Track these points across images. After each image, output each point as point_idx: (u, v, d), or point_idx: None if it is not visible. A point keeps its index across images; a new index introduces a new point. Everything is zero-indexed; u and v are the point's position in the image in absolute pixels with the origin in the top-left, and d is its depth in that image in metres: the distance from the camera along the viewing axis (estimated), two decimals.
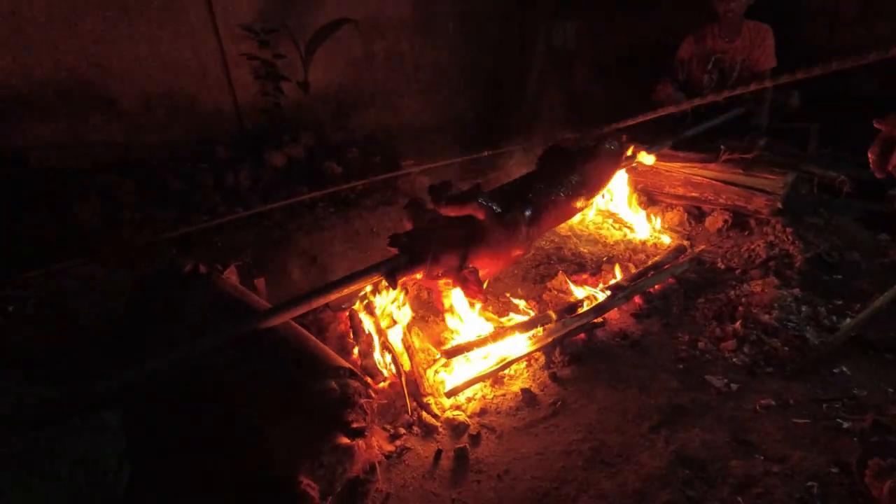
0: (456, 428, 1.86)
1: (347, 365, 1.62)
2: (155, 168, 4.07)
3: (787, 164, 2.91)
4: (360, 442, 1.55)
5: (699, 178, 3.09)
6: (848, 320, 2.20)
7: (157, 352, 1.48)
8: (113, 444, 1.49)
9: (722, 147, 3.01)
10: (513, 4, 6.27)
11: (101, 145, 4.08)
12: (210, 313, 1.83)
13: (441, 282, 1.95)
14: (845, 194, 2.80)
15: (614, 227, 3.21)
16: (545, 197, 2.16)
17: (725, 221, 3.03)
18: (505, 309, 2.46)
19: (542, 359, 2.14)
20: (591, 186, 2.39)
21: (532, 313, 2.37)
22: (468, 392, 2.03)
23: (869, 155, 1.12)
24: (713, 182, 3.04)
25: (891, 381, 1.92)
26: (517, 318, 2.30)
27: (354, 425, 1.48)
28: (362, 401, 1.55)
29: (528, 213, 2.07)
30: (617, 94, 4.87)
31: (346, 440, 1.48)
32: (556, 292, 2.51)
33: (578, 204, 2.34)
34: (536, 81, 6.57)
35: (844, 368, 2.00)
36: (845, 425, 1.75)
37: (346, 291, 1.84)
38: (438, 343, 2.25)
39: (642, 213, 3.24)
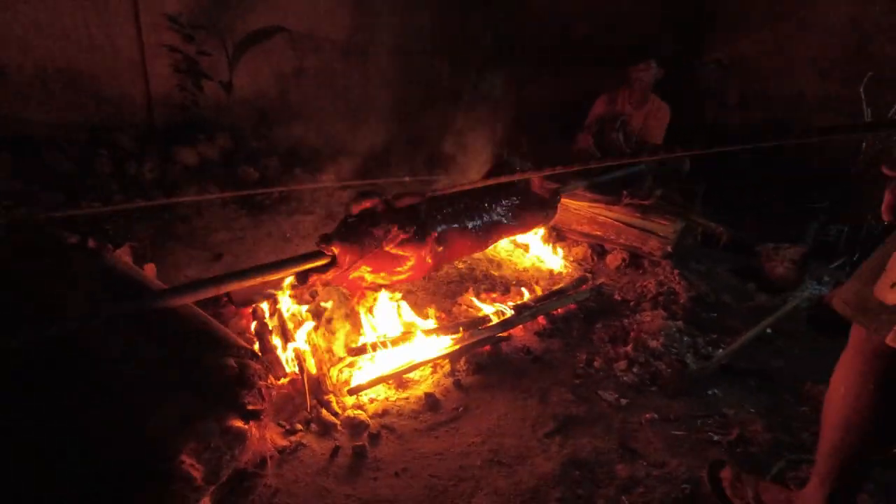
0: (356, 427, 1.80)
1: (249, 346, 1.53)
2: (41, 146, 3.68)
3: (678, 213, 3.25)
4: (254, 429, 1.45)
5: (603, 217, 3.36)
6: (720, 350, 2.44)
7: (35, 319, 1.31)
8: None
9: (624, 192, 3.30)
10: (444, 49, 6.56)
11: None
12: (98, 288, 1.66)
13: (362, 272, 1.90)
14: (724, 244, 3.18)
15: (524, 257, 3.36)
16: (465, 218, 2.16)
17: (624, 260, 3.29)
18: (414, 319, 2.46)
19: (448, 367, 2.15)
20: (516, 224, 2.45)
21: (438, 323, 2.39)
22: (371, 393, 1.98)
23: (885, 198, 1.19)
24: (615, 223, 3.32)
25: (753, 403, 2.14)
26: (424, 325, 2.30)
27: (250, 407, 1.39)
28: (261, 383, 1.46)
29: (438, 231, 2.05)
30: (535, 141, 5.22)
31: (239, 423, 1.37)
32: (465, 307, 2.56)
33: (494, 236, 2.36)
34: (461, 122, 6.86)
35: (717, 391, 2.21)
36: (715, 438, 1.92)
37: (259, 280, 1.76)
38: (346, 345, 2.19)
39: (551, 246, 3.44)
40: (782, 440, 1.93)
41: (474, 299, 2.57)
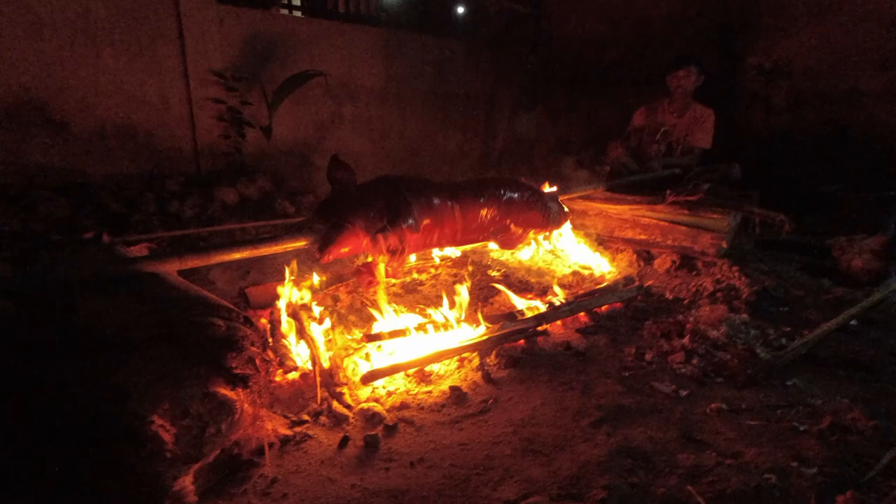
0: (370, 419, 1.60)
1: (242, 312, 1.39)
2: (96, 191, 3.90)
3: (731, 206, 2.96)
4: (246, 404, 1.29)
5: (647, 219, 3.11)
6: (796, 341, 2.09)
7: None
8: None
9: (668, 190, 3.06)
10: (477, 91, 6.68)
11: (41, 166, 3.90)
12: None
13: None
14: (787, 233, 2.85)
15: (565, 266, 3.13)
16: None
17: (674, 262, 3.00)
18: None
19: (476, 361, 1.93)
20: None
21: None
22: (390, 386, 1.78)
23: None
24: (660, 223, 3.05)
25: (845, 393, 1.78)
26: (449, 315, 2.11)
27: (237, 371, 1.23)
28: (253, 349, 1.31)
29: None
30: (574, 167, 5.07)
31: (224, 391, 1.22)
32: (498, 306, 2.35)
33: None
34: (498, 160, 6.88)
35: (797, 381, 1.86)
36: (802, 428, 1.58)
37: (245, 253, 1.72)
38: (363, 335, 2.02)
39: (592, 253, 3.20)
40: (892, 428, 1.56)
41: (509, 293, 2.35)
